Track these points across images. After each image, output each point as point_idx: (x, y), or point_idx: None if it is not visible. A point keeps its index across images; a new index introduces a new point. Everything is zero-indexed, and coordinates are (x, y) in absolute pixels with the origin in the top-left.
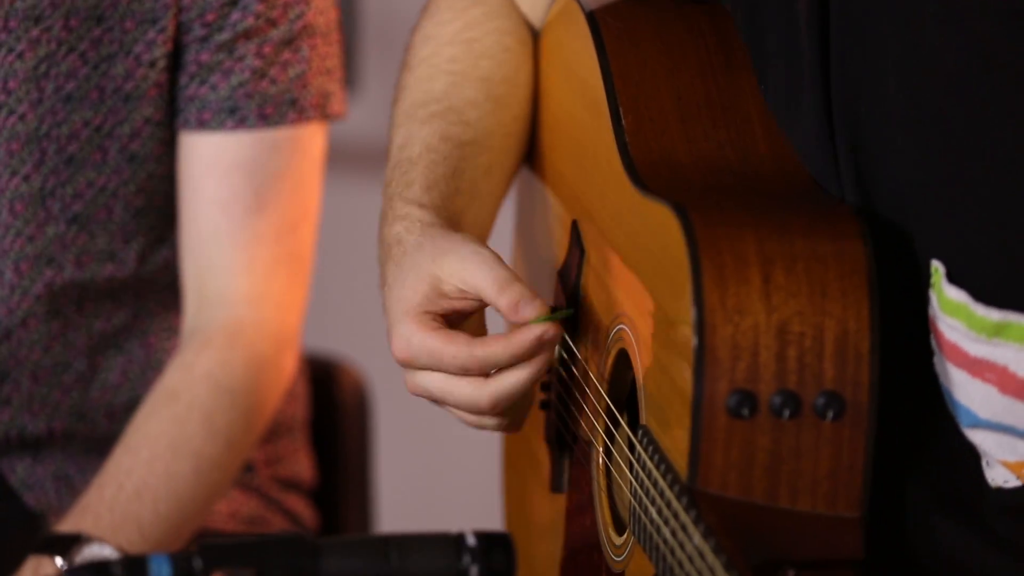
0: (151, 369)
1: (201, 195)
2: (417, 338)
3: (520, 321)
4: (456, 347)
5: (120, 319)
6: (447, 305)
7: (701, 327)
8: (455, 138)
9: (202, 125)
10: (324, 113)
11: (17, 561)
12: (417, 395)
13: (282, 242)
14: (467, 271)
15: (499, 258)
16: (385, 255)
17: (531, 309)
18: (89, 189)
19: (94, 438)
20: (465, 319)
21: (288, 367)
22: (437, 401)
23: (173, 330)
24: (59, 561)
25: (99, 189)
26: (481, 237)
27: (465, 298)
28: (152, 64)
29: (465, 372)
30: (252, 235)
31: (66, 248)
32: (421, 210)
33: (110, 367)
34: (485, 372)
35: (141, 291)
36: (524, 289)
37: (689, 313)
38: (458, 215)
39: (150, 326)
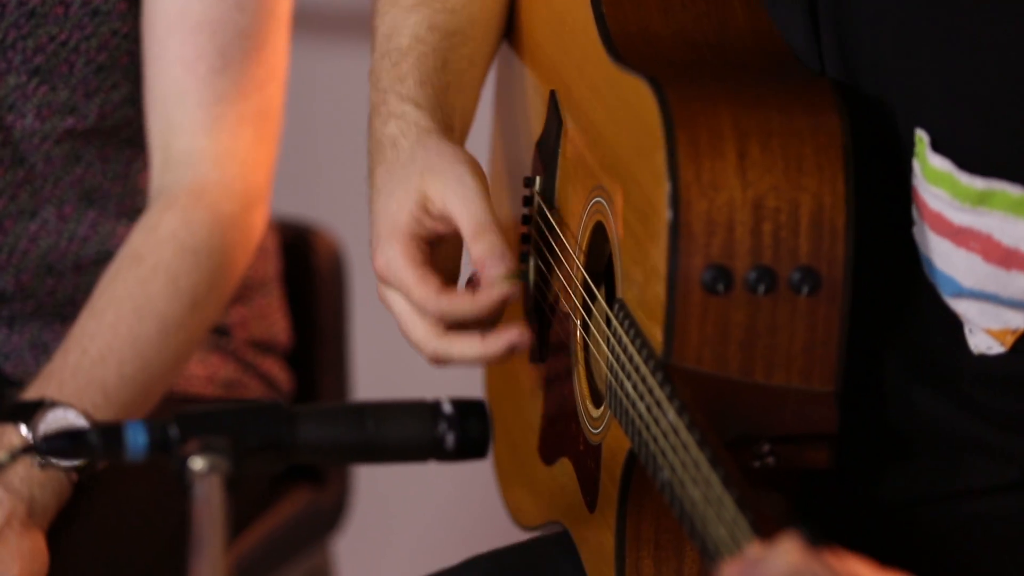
0: (123, 226)
1: (165, 54)
2: (397, 264)
3: (484, 276)
4: (425, 291)
5: (91, 182)
6: (430, 226)
7: (676, 202)
8: (441, 27)
9: None
10: None
11: None
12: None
13: (248, 101)
14: (450, 200)
15: (483, 191)
16: (378, 154)
17: (496, 268)
18: (51, 43)
19: (66, 299)
20: (445, 241)
21: (256, 226)
22: (397, 322)
23: (142, 188)
24: (23, 429)
25: (60, 43)
26: (466, 128)
27: (446, 223)
28: None
29: (426, 314)
30: (217, 94)
31: (27, 99)
32: (417, 111)
33: (79, 219)
34: (445, 321)
35: (106, 147)
36: (496, 241)
37: (664, 188)
38: (451, 112)
39: (124, 190)
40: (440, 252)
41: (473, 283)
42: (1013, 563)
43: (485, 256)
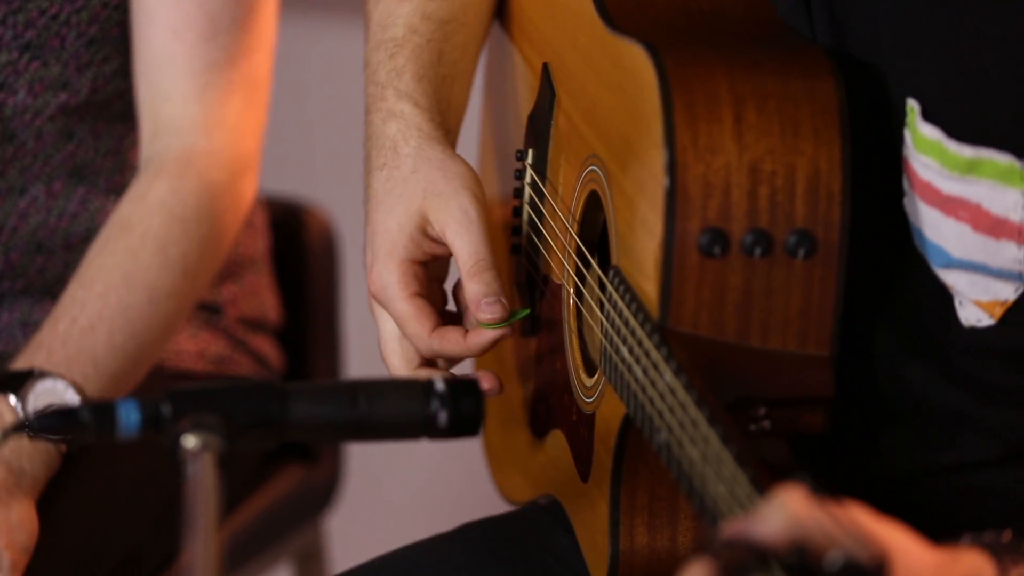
0: (112, 202)
1: (154, 22)
2: (392, 292)
3: (476, 318)
4: (419, 328)
5: (81, 158)
6: (428, 249)
7: (672, 166)
8: (435, 16)
9: None
10: None
11: None
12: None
13: (236, 68)
14: (450, 230)
15: (483, 222)
16: (377, 154)
17: (489, 313)
18: (41, 17)
19: (56, 277)
20: (438, 263)
21: (246, 194)
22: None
23: (133, 163)
24: (12, 399)
25: (51, 17)
26: (460, 118)
27: (444, 247)
28: None
29: (415, 347)
30: (205, 62)
31: (19, 75)
32: (416, 110)
33: (68, 196)
34: (432, 355)
35: (98, 123)
36: (493, 281)
37: (660, 152)
38: (447, 106)
39: (115, 165)
40: (431, 267)
41: (457, 296)
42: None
43: (480, 298)
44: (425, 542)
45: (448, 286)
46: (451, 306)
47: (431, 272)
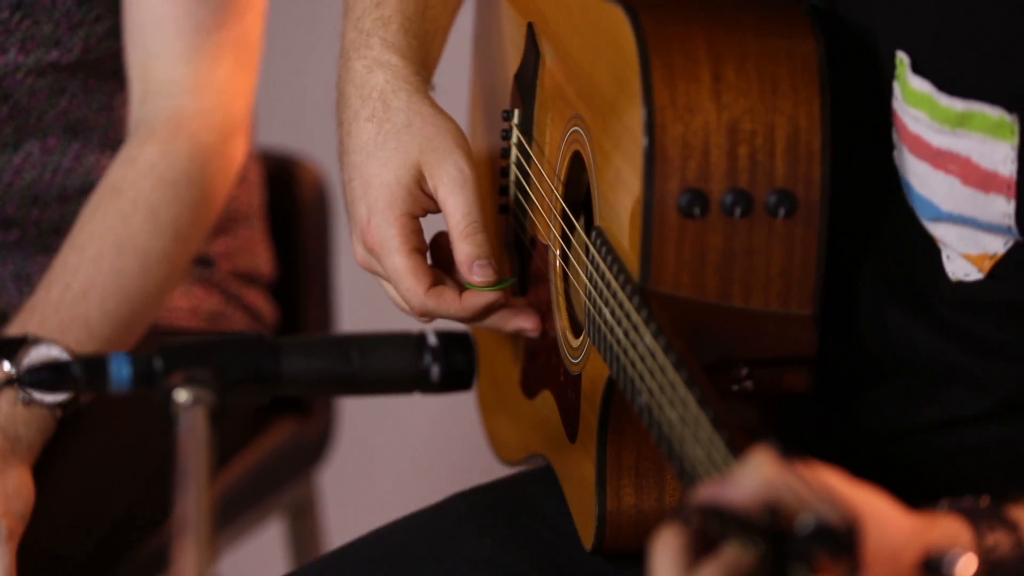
0: (107, 158)
1: None
2: (391, 246)
3: (467, 280)
4: (415, 285)
5: (75, 114)
6: (424, 203)
7: (651, 126)
8: None
9: None
10: None
11: None
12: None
13: (227, 30)
14: (443, 187)
15: (475, 181)
16: (361, 103)
17: (481, 275)
18: None
19: (51, 228)
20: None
21: (236, 156)
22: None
23: (126, 120)
24: (6, 365)
25: None
26: (433, 72)
27: (435, 205)
28: None
29: (407, 304)
30: (195, 23)
31: (10, 33)
32: (404, 62)
33: (63, 151)
34: (426, 314)
35: (89, 80)
36: (484, 244)
37: (639, 112)
38: (431, 61)
39: (108, 121)
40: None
41: (439, 245)
42: (986, 492)
43: (472, 259)
44: (415, 515)
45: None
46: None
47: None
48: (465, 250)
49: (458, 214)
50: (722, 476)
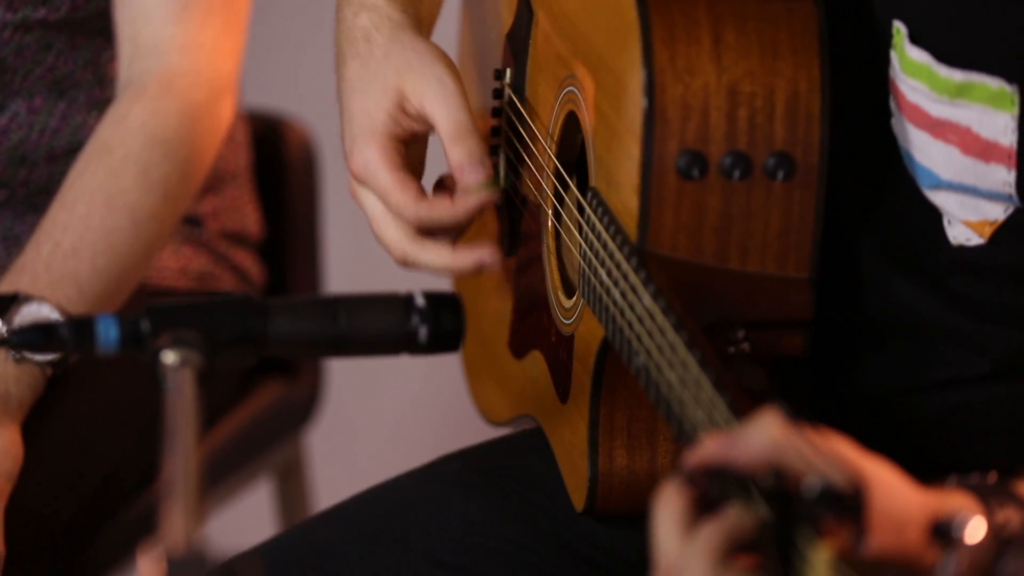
0: (94, 117)
1: None
2: (375, 166)
3: (461, 181)
4: (404, 196)
5: (61, 70)
6: (407, 125)
7: (651, 87)
8: None
9: None
10: None
11: None
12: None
13: None
14: (428, 100)
15: (461, 92)
16: (349, 46)
17: (476, 174)
18: None
19: (40, 188)
20: (416, 140)
21: (225, 115)
22: (369, 222)
23: (112, 78)
24: None
25: None
26: (432, 22)
27: (423, 123)
28: None
29: (402, 219)
30: None
31: None
32: (388, 3)
33: (49, 111)
34: (420, 227)
35: (76, 36)
36: (476, 146)
37: (639, 73)
38: (419, 5)
39: (94, 77)
40: (410, 151)
41: (444, 185)
42: (986, 454)
43: (464, 161)
44: (402, 478)
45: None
46: None
47: (410, 159)
48: (455, 153)
49: (444, 121)
50: (726, 433)
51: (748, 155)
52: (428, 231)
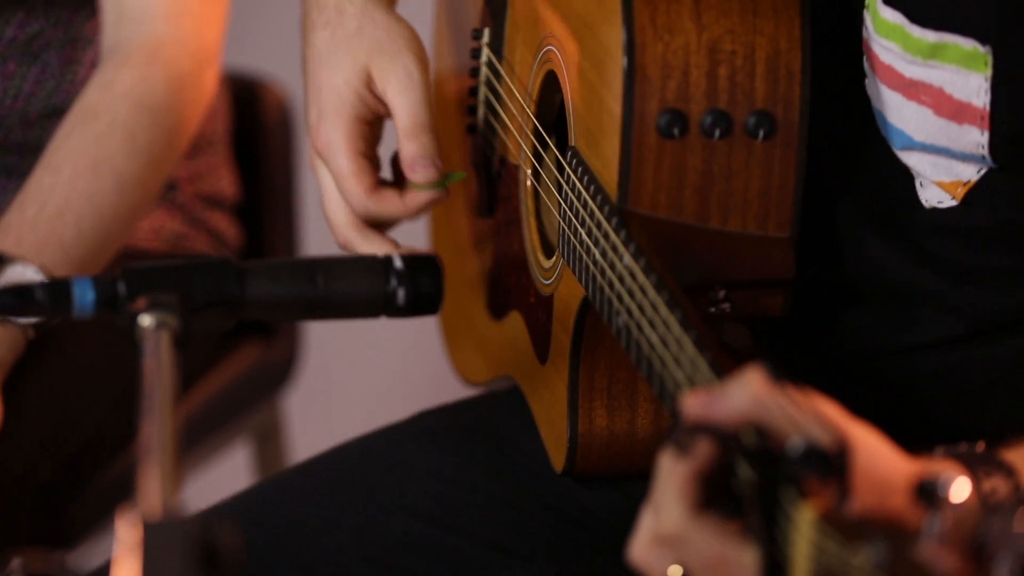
0: (67, 81)
1: None
2: (337, 148)
3: (410, 178)
4: (358, 186)
5: (32, 27)
6: (373, 106)
7: (631, 45)
8: None
9: None
10: None
11: None
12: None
13: None
14: (391, 88)
15: (425, 84)
16: (318, 12)
17: (422, 174)
18: None
19: (14, 148)
20: (380, 120)
21: (209, 84)
22: (320, 195)
23: (89, 41)
24: None
25: None
26: None
27: (385, 108)
28: None
29: (352, 207)
30: None
31: None
32: None
33: (23, 76)
34: (369, 219)
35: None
36: (429, 143)
37: (619, 32)
38: None
39: (65, 36)
40: (371, 129)
41: (397, 163)
42: (963, 416)
43: (416, 157)
44: (378, 432)
45: (384, 155)
46: (385, 173)
47: (370, 138)
48: (408, 148)
49: (403, 114)
50: (710, 388)
51: (729, 114)
52: (375, 223)
